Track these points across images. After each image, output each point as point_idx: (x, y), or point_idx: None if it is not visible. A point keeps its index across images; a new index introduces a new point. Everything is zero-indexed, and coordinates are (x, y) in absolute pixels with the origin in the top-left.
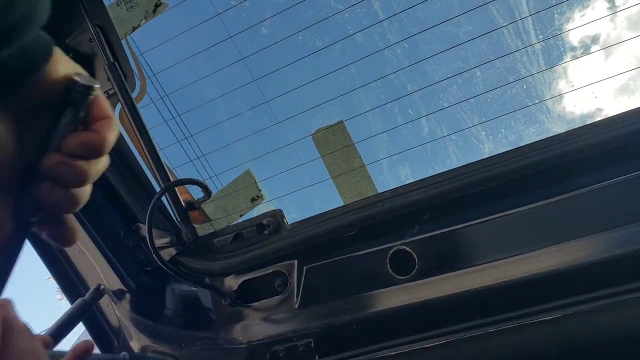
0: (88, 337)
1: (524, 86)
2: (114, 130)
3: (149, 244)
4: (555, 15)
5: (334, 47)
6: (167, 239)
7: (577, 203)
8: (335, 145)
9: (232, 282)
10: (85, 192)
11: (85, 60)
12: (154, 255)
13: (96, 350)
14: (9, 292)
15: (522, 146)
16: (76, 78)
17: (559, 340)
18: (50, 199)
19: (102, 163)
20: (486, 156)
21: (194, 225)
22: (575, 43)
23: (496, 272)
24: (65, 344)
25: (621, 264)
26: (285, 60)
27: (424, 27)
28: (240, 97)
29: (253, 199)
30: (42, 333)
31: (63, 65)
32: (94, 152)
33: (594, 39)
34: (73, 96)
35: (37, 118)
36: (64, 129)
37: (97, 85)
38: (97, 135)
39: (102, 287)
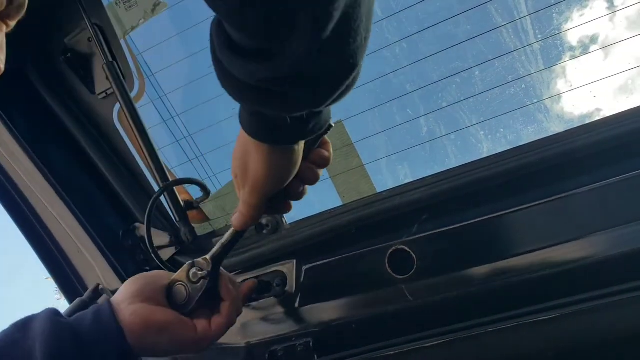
0: None
1: (523, 86)
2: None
3: (147, 244)
4: (554, 15)
5: None
6: (165, 239)
7: (576, 202)
8: (334, 145)
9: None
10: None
11: (83, 59)
12: (152, 255)
13: None
14: (7, 291)
15: (521, 145)
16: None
17: (558, 339)
18: (297, 192)
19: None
20: (485, 156)
21: (193, 224)
22: (574, 43)
23: (495, 271)
24: None
25: (620, 264)
26: None
27: (423, 27)
28: None
29: None
30: None
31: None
32: (325, 164)
33: (593, 39)
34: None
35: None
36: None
37: (333, 124)
38: (327, 153)
39: (100, 286)
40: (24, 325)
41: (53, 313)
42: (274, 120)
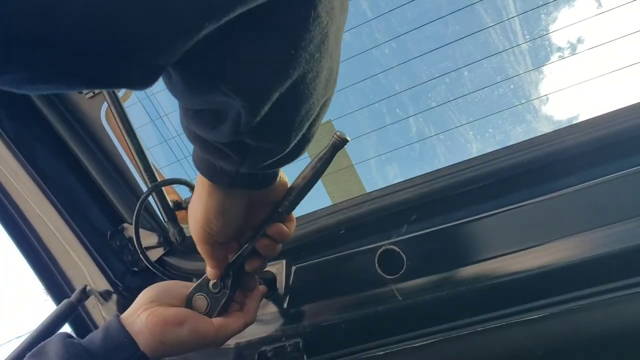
0: None
1: (511, 86)
2: (294, 227)
3: (136, 245)
4: (542, 15)
5: None
6: (154, 239)
7: (563, 202)
8: (324, 145)
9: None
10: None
11: None
12: (141, 256)
13: None
14: None
15: (510, 145)
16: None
17: (545, 338)
18: (255, 267)
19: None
20: (474, 156)
21: (182, 225)
22: (562, 44)
23: (484, 271)
24: None
25: (607, 263)
26: None
27: (412, 27)
28: None
29: None
30: (27, 335)
31: (282, 183)
32: (282, 239)
33: (580, 40)
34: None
35: (259, 209)
36: (270, 222)
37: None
38: (287, 230)
39: (88, 288)
40: (39, 352)
41: (65, 336)
42: (214, 164)
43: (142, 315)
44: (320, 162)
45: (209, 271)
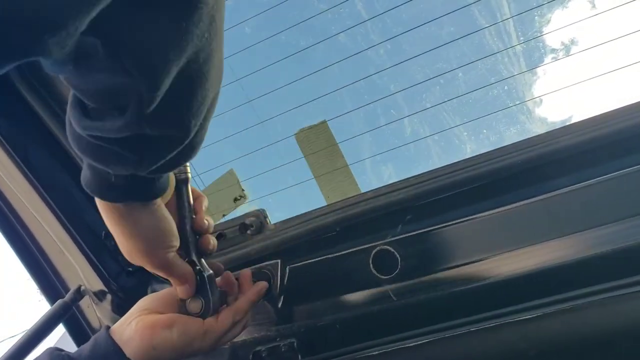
0: (68, 338)
1: (505, 87)
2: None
3: None
4: (536, 17)
5: (317, 47)
6: None
7: (557, 203)
8: (319, 145)
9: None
10: None
11: None
12: None
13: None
14: None
15: (504, 146)
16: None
17: (539, 339)
18: (210, 246)
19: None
20: (468, 156)
21: None
22: (556, 45)
23: (478, 271)
24: (45, 346)
25: (601, 263)
26: (268, 59)
27: (407, 28)
28: (223, 97)
29: (236, 199)
30: (21, 334)
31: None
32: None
33: (575, 41)
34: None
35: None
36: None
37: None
38: (213, 243)
39: (82, 288)
40: None
41: (53, 350)
42: (103, 176)
43: (133, 322)
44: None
45: (181, 290)
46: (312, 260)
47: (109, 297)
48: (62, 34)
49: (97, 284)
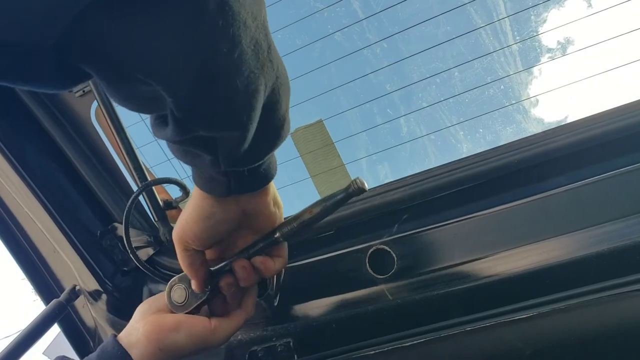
0: (63, 338)
1: (502, 87)
2: (284, 266)
3: (125, 244)
4: (532, 16)
5: (313, 45)
6: (144, 239)
7: (553, 202)
8: (315, 144)
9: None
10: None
11: None
12: (131, 255)
13: (72, 352)
14: None
15: (500, 146)
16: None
17: (535, 338)
18: (227, 287)
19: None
20: (464, 156)
21: (172, 224)
22: (552, 45)
23: (474, 270)
24: (40, 346)
25: (597, 262)
26: None
27: (403, 27)
28: None
29: None
30: (16, 334)
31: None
32: (265, 273)
33: (570, 41)
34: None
35: (247, 225)
36: (261, 248)
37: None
38: (273, 265)
39: (77, 287)
40: None
41: (61, 358)
42: (205, 175)
43: (139, 325)
44: (331, 201)
45: (194, 283)
46: (308, 260)
47: (104, 296)
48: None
49: (92, 284)
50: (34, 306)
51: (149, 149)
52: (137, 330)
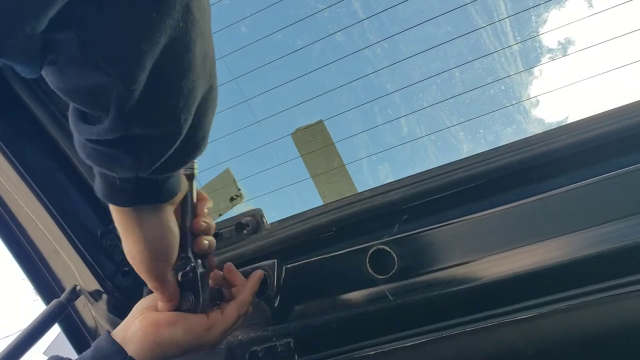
0: (64, 338)
1: (502, 87)
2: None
3: None
4: (533, 17)
5: (314, 46)
6: None
7: (553, 203)
8: (315, 145)
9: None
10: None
11: None
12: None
13: (72, 352)
14: None
15: (500, 146)
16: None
17: (536, 338)
18: (204, 247)
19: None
20: (465, 156)
21: None
22: (553, 45)
23: (475, 271)
24: (41, 346)
25: (598, 263)
26: (264, 59)
27: (404, 27)
28: (220, 96)
29: (232, 198)
30: (17, 334)
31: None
32: (209, 230)
33: (571, 41)
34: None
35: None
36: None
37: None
38: (206, 244)
39: (78, 287)
40: None
41: (55, 358)
42: (110, 180)
43: (136, 321)
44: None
45: (162, 305)
46: (309, 260)
47: (104, 296)
48: (19, 37)
49: (93, 284)
50: (35, 306)
51: None
52: (133, 325)
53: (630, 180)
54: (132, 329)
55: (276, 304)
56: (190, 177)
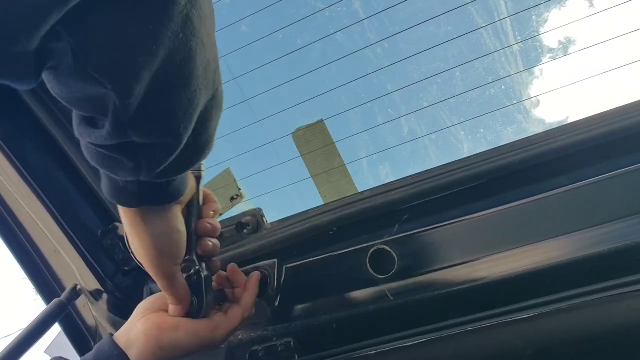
0: (64, 338)
1: (502, 87)
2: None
3: (127, 243)
4: (533, 16)
5: (314, 45)
6: None
7: (554, 203)
8: (315, 144)
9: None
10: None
11: None
12: (132, 255)
13: (72, 352)
14: None
15: (501, 146)
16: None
17: (536, 338)
18: (208, 249)
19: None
20: (465, 156)
21: None
22: (553, 45)
23: (475, 271)
24: (41, 345)
25: (598, 263)
26: (265, 58)
27: (405, 27)
28: None
29: (232, 198)
30: (17, 334)
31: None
32: (214, 233)
33: (571, 41)
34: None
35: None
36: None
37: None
38: (211, 245)
39: (78, 287)
40: None
41: (58, 359)
42: (115, 181)
43: (139, 323)
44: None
45: (173, 309)
46: (309, 260)
47: (105, 296)
48: (8, 57)
49: (93, 283)
50: (35, 306)
51: None
52: (136, 328)
53: (630, 180)
54: (134, 333)
55: (276, 304)
56: (198, 178)
